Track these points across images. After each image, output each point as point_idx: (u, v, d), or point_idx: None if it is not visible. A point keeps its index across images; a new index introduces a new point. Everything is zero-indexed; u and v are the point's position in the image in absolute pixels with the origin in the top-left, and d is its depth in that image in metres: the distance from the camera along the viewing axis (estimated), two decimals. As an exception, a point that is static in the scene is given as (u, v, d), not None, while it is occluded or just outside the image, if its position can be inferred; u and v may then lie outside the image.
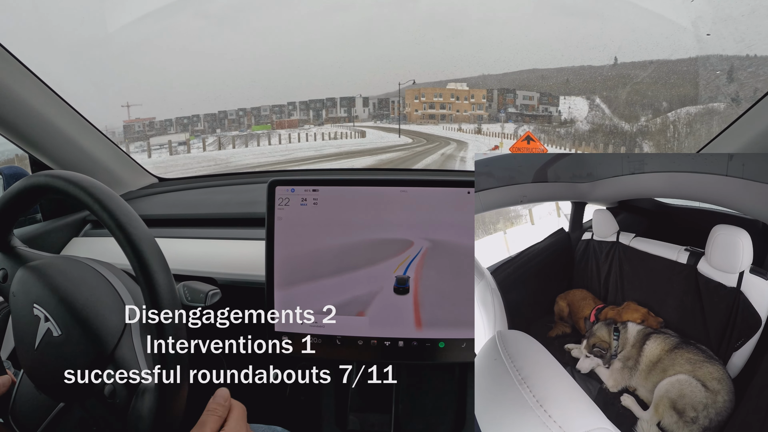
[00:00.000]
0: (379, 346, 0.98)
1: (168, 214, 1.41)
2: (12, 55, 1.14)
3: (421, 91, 24.97)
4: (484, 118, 23.40)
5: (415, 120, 24.55)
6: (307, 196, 0.99)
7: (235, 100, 24.87)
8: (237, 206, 1.40)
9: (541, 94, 22.37)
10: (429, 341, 0.97)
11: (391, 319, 0.97)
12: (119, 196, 0.72)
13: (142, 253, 0.67)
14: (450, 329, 0.96)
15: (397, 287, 0.96)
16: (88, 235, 1.39)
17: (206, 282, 0.90)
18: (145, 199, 1.54)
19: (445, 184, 0.98)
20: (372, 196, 0.98)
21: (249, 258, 1.14)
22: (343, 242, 0.98)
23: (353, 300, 0.98)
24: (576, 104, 20.54)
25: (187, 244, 1.26)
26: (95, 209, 0.69)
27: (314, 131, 22.41)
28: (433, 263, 0.97)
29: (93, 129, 1.39)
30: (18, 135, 1.24)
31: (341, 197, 0.99)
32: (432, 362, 0.98)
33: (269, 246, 0.99)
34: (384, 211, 0.98)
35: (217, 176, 1.76)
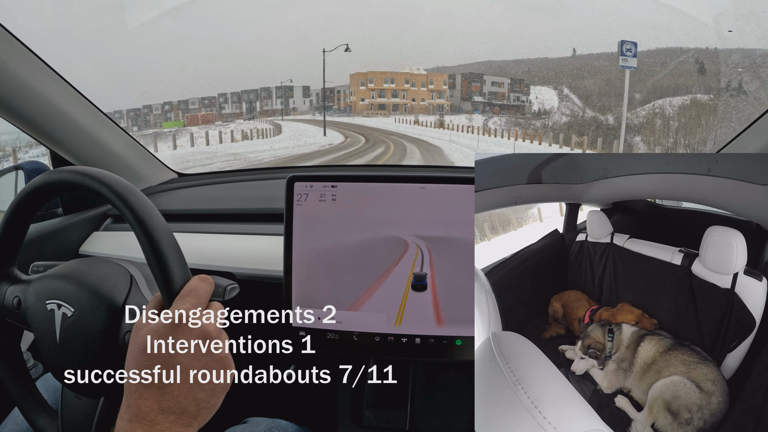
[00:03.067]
0: (396, 343, 0.97)
1: (187, 209, 1.44)
2: (32, 51, 1.15)
3: (369, 76, 20.51)
4: (446, 108, 19.48)
5: (361, 111, 20.37)
6: (326, 192, 0.99)
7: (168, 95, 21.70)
8: (256, 201, 1.42)
9: (512, 80, 19.06)
10: (446, 338, 0.97)
11: (408, 315, 0.97)
12: (139, 190, 0.72)
13: (159, 247, 0.68)
14: (467, 327, 0.96)
15: (415, 284, 0.97)
16: (109, 229, 1.41)
17: (224, 276, 0.90)
18: (165, 194, 1.56)
19: (464, 181, 0.98)
20: (391, 192, 0.98)
21: (267, 253, 1.15)
22: (362, 238, 0.98)
23: (371, 296, 0.98)
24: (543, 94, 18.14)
25: (206, 239, 1.27)
26: (116, 203, 0.70)
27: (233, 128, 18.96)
28: (450, 260, 0.97)
29: (113, 124, 1.42)
30: (39, 131, 1.26)
31: (359, 193, 0.99)
32: (448, 359, 0.98)
33: (287, 241, 0.99)
34: (402, 208, 0.98)
35: (236, 172, 1.78)
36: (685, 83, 15.86)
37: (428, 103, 19.60)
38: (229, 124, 20.27)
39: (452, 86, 19.79)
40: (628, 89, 15.16)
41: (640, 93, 16.23)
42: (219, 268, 1.14)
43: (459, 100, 19.44)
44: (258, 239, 1.23)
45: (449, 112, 19.42)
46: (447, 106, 19.62)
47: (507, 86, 18.93)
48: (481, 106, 19.06)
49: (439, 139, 16.59)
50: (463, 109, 19.32)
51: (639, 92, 16.23)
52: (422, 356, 0.98)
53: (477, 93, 19.25)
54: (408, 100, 19.96)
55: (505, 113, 18.42)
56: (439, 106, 19.57)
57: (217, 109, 21.01)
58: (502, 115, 18.38)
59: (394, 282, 0.97)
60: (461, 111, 19.23)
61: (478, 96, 19.23)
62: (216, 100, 21.20)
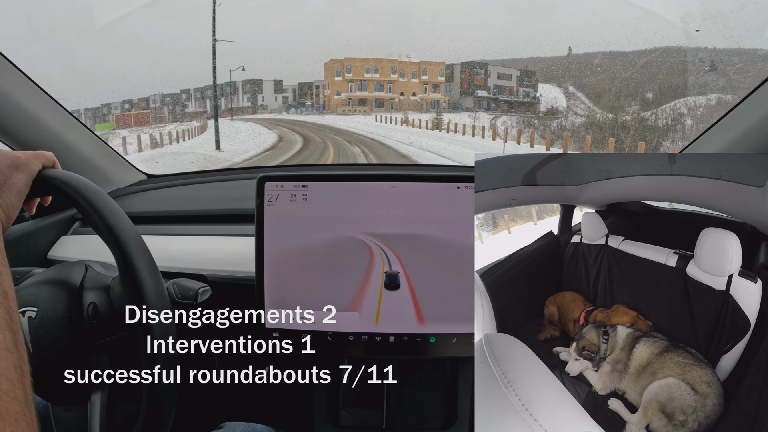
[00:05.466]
0: (370, 342, 0.98)
1: (157, 211, 1.41)
2: None
3: (346, 63, 15.85)
4: (442, 104, 15.54)
5: (336, 107, 16.07)
6: (297, 192, 0.99)
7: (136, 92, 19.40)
8: (226, 202, 1.40)
9: (522, 71, 15.41)
10: (420, 336, 0.97)
11: (385, 314, 0.97)
12: (106, 193, 0.72)
13: (128, 252, 0.67)
14: (441, 324, 0.97)
15: (388, 282, 0.97)
16: (77, 233, 1.38)
17: (196, 279, 0.89)
18: (134, 196, 1.53)
19: (434, 179, 0.98)
20: (362, 191, 0.98)
21: (239, 254, 1.14)
22: (333, 237, 0.98)
23: (345, 296, 0.98)
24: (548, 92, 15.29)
25: (177, 241, 1.25)
26: (81, 206, 0.69)
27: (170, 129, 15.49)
28: (423, 258, 0.97)
29: (79, 125, 1.37)
30: (3, 132, 1.22)
31: (331, 192, 0.99)
32: (423, 357, 0.98)
33: (259, 242, 0.99)
34: (374, 206, 0.98)
35: (207, 172, 1.75)
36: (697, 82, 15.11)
37: (420, 98, 15.48)
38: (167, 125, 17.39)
39: (449, 79, 15.86)
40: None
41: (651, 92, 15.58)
42: (190, 271, 1.12)
43: (458, 95, 15.53)
44: (229, 240, 1.22)
45: (446, 110, 15.57)
46: (444, 102, 15.70)
47: (516, 79, 15.16)
48: (485, 102, 15.43)
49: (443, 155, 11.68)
50: (463, 105, 15.46)
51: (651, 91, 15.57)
52: (396, 355, 0.98)
53: (480, 87, 15.32)
54: (395, 94, 15.76)
55: (514, 111, 14.97)
56: (434, 102, 15.54)
57: (180, 107, 18.21)
58: (511, 113, 14.79)
59: (367, 281, 0.98)
60: (460, 108, 15.35)
61: (482, 90, 15.40)
62: (179, 97, 18.24)
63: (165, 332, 0.71)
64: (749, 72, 7.52)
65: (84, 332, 0.75)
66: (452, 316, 0.97)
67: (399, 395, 1.16)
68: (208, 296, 0.84)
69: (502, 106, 15.22)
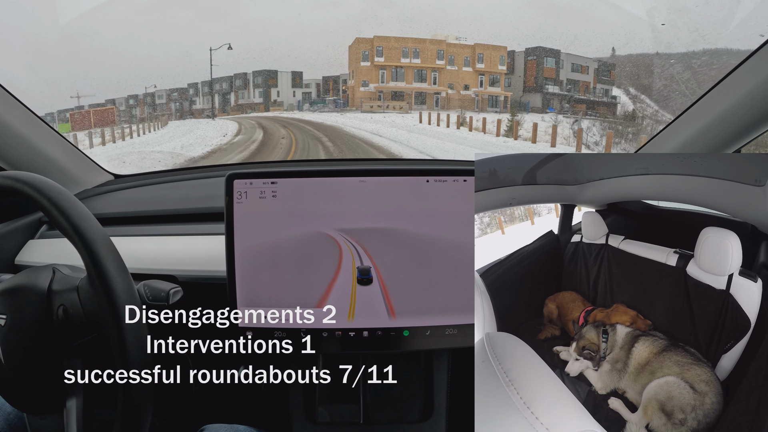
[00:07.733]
0: (344, 338, 0.98)
1: (125, 212, 1.38)
2: None
3: (376, 44, 12.01)
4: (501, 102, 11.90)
5: (361, 102, 12.46)
6: (266, 189, 0.98)
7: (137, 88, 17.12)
8: (195, 201, 1.38)
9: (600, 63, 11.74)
10: (393, 330, 0.97)
11: (359, 309, 0.98)
12: (72, 195, 0.71)
13: (95, 250, 0.67)
14: (414, 317, 0.97)
15: (360, 278, 0.97)
16: (45, 236, 1.34)
17: (167, 280, 0.89)
18: (101, 197, 1.50)
19: (402, 173, 0.99)
20: (331, 187, 0.99)
21: (209, 254, 1.12)
22: (303, 234, 0.98)
23: (317, 292, 0.98)
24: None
25: (146, 242, 1.23)
26: (46, 208, 0.68)
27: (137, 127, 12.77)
28: (393, 252, 0.98)
29: (44, 125, 1.34)
30: None
31: (300, 189, 0.99)
32: (397, 351, 0.99)
33: (229, 240, 0.98)
34: (343, 202, 0.98)
35: (174, 171, 1.72)
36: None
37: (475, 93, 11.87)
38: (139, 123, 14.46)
39: (510, 67, 12.27)
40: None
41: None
42: (160, 272, 1.11)
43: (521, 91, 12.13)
44: (199, 240, 1.20)
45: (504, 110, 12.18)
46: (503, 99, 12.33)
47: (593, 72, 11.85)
48: (556, 100, 12.11)
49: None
50: (530, 104, 12.11)
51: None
52: (371, 349, 0.98)
53: (551, 80, 11.86)
54: (442, 87, 12.15)
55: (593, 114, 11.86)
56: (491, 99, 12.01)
57: (187, 103, 15.97)
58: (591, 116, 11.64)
59: (339, 276, 0.98)
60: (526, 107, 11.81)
61: (552, 85, 11.95)
62: (186, 92, 16.01)
63: (137, 331, 0.70)
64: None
65: (55, 336, 0.74)
66: (425, 309, 0.97)
67: (375, 390, 1.16)
68: (179, 297, 0.83)
69: (579, 107, 11.96)
